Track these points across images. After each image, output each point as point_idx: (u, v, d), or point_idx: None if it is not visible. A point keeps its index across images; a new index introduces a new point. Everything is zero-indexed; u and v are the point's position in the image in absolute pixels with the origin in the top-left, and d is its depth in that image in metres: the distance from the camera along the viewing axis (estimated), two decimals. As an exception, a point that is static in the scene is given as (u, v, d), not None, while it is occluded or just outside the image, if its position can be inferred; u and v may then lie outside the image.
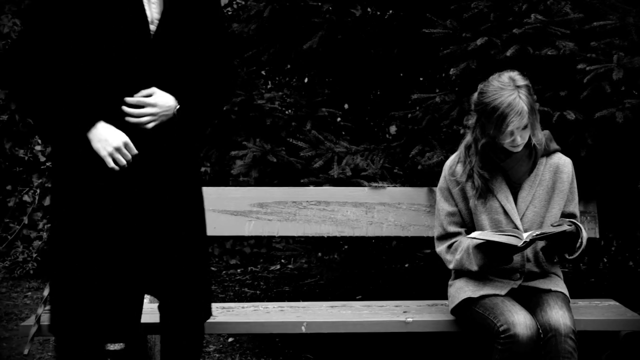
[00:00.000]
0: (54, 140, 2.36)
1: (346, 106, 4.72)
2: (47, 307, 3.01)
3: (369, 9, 4.50)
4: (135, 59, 2.25)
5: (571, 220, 2.73)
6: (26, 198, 5.43)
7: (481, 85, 2.76)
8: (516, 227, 2.77)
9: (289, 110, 3.96)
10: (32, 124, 2.20)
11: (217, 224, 3.24)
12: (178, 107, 2.33)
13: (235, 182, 4.00)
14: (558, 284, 2.84)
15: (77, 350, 2.45)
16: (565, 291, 2.83)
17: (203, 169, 5.26)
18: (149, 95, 2.29)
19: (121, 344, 3.07)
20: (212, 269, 5.55)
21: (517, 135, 2.67)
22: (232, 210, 3.29)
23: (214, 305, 2.85)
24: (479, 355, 3.62)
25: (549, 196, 2.83)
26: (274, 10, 4.11)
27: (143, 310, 2.61)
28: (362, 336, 3.80)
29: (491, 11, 3.31)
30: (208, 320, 2.67)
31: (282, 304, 3.19)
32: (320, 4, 4.05)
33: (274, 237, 3.43)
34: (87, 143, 2.25)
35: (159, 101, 2.28)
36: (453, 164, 2.88)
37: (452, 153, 2.98)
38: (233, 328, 3.02)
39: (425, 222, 3.28)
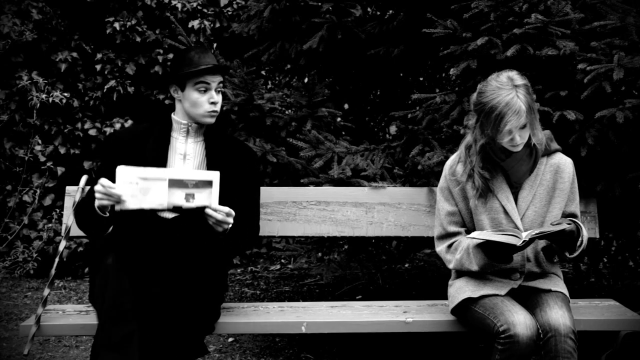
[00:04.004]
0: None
1: (346, 106, 4.72)
2: (47, 307, 3.02)
3: (369, 9, 4.50)
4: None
5: (571, 219, 2.73)
6: (26, 198, 5.43)
7: (480, 85, 2.76)
8: (517, 227, 2.77)
9: (289, 110, 3.96)
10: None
11: (217, 224, 3.23)
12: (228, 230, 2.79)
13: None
14: (558, 284, 2.84)
15: None
16: (565, 291, 2.83)
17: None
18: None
19: None
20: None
21: (516, 134, 2.66)
22: (232, 210, 3.29)
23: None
24: (479, 355, 3.63)
25: (549, 196, 2.82)
26: (274, 10, 4.11)
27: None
28: (362, 336, 3.80)
29: (491, 11, 3.31)
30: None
31: (282, 304, 3.19)
32: (320, 4, 4.05)
33: (274, 237, 3.41)
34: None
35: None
36: (453, 164, 2.88)
37: (452, 153, 2.97)
38: (233, 328, 3.01)
39: (425, 222, 3.28)
